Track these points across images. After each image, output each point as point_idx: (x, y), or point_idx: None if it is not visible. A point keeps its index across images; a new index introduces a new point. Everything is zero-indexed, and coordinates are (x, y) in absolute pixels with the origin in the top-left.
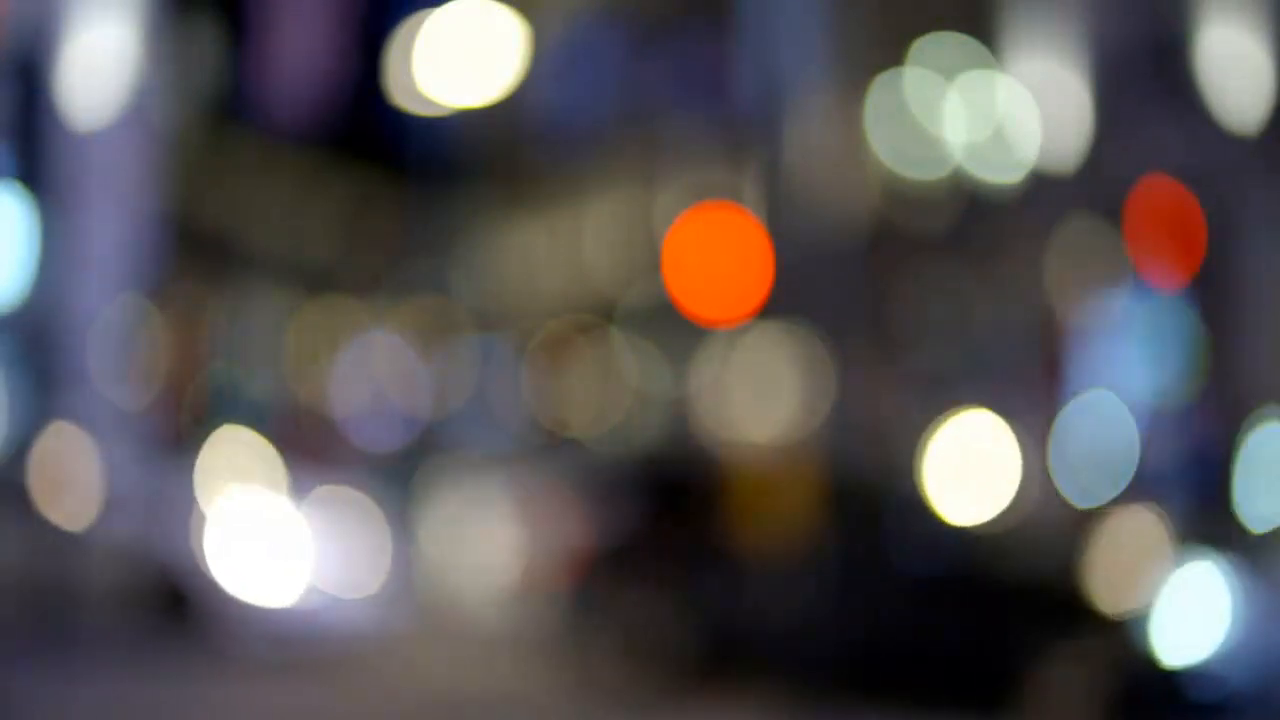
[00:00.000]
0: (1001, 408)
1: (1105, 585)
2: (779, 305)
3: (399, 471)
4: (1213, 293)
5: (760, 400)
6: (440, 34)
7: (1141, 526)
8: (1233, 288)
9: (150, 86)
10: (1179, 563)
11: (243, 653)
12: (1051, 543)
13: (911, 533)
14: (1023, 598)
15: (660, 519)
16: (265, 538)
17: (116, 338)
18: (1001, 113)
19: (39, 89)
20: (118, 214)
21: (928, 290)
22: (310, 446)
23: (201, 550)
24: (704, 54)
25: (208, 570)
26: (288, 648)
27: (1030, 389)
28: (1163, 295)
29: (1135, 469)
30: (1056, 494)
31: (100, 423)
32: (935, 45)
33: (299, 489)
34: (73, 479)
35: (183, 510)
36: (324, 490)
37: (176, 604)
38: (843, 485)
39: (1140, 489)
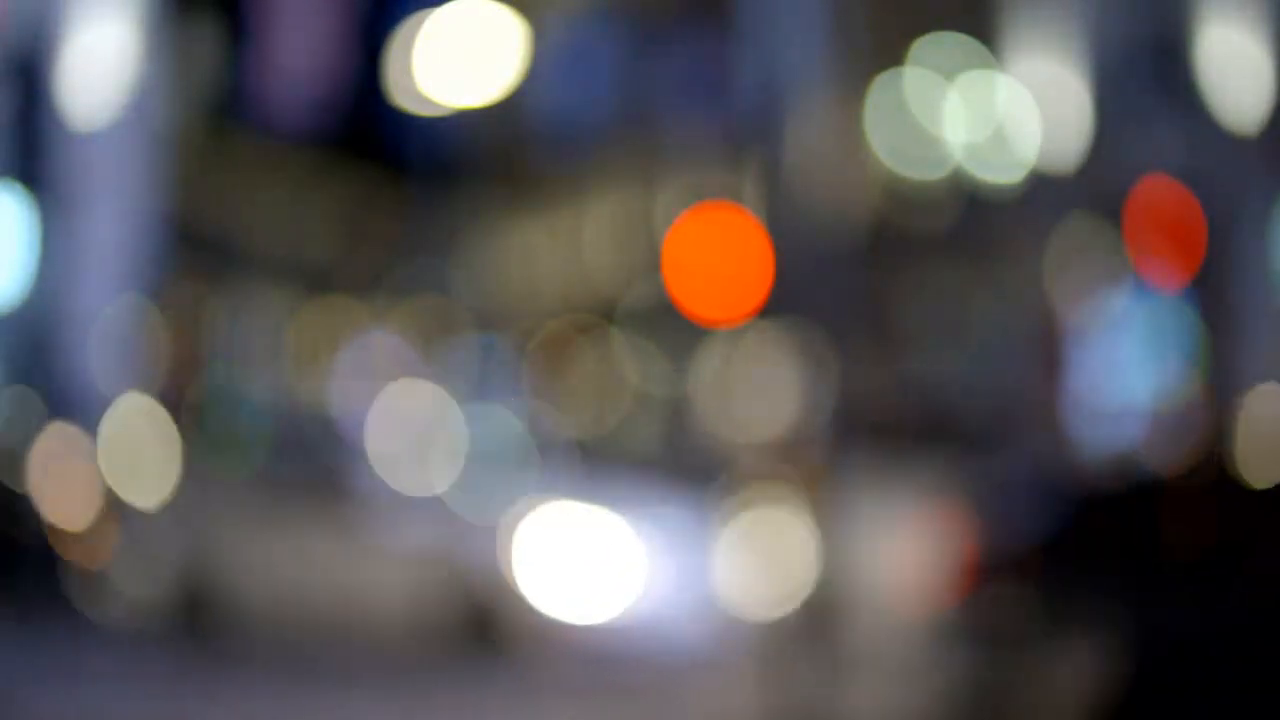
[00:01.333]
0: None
1: None
2: (779, 305)
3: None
4: (1213, 293)
5: (760, 400)
6: (440, 34)
7: None
8: (1233, 288)
9: (150, 86)
10: None
11: (554, 676)
12: None
13: None
14: None
15: (1081, 526)
16: (579, 550)
17: (116, 338)
18: (1001, 113)
19: (39, 89)
20: (118, 214)
21: (928, 290)
22: None
23: (509, 564)
24: (704, 54)
25: (516, 586)
26: (604, 670)
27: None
28: (1163, 295)
29: None
30: None
31: (100, 422)
32: (935, 45)
33: (614, 497)
34: (72, 479)
35: (488, 521)
36: (641, 499)
37: (482, 623)
38: None
39: None
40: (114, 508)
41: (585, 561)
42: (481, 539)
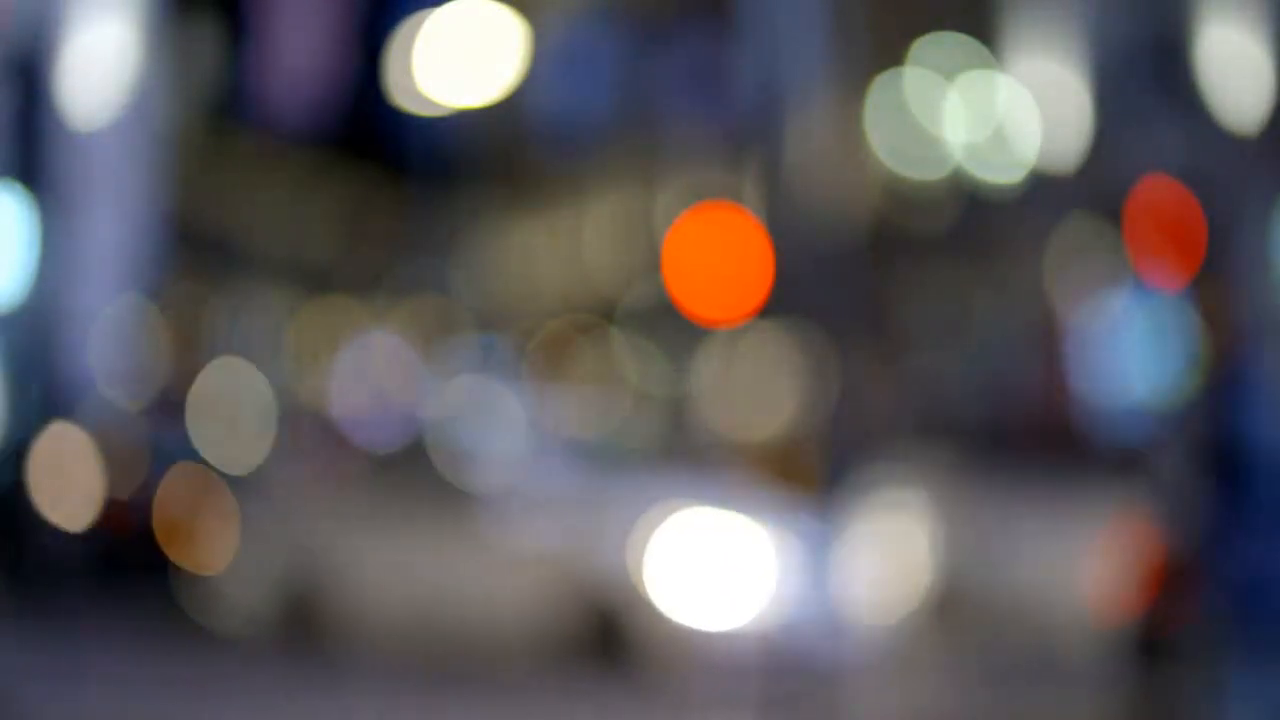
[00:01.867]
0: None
1: None
2: (779, 305)
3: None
4: (1213, 293)
5: (760, 399)
6: (440, 34)
7: None
8: (1233, 288)
9: (150, 86)
10: None
11: (684, 687)
12: None
13: None
14: None
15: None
16: (709, 554)
17: (116, 338)
18: (1001, 113)
19: (39, 89)
20: (118, 214)
21: (928, 290)
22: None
23: (637, 568)
24: (704, 54)
25: (644, 592)
26: (736, 680)
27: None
28: (1163, 295)
29: None
30: None
31: (100, 423)
32: (935, 45)
33: (742, 500)
34: (72, 479)
35: (615, 521)
36: (779, 500)
37: (607, 631)
38: None
39: None
40: (225, 511)
41: (716, 566)
42: (606, 541)
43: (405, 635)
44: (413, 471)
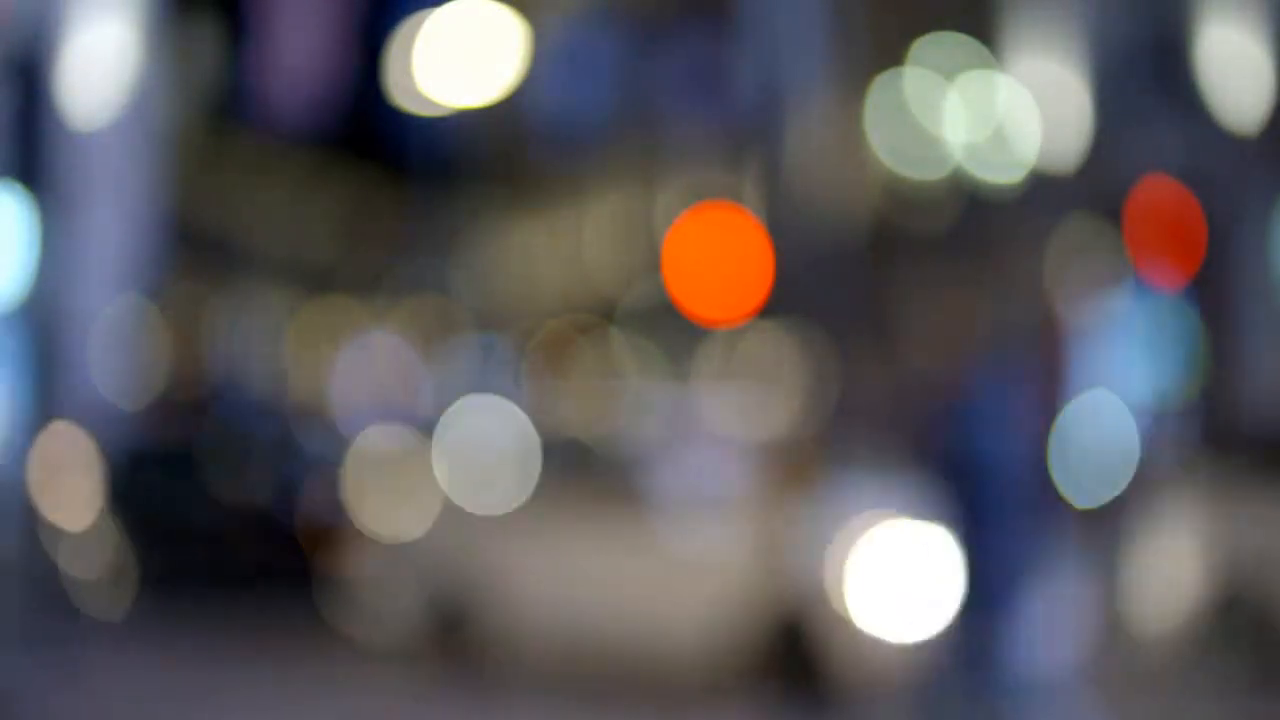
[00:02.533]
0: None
1: None
2: (779, 305)
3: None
4: (1213, 293)
5: (760, 399)
6: (440, 34)
7: None
8: (1233, 288)
9: (150, 86)
10: None
11: (877, 705)
12: None
13: None
14: None
15: None
16: (909, 562)
17: (116, 338)
18: (1001, 113)
19: (39, 89)
20: (117, 214)
21: (928, 290)
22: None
23: (829, 577)
24: (704, 54)
25: (835, 602)
26: (930, 695)
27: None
28: (1163, 295)
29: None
30: None
31: (100, 423)
32: (935, 45)
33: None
34: (71, 479)
35: (799, 528)
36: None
37: (792, 646)
38: None
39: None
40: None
41: (911, 575)
42: (790, 548)
43: (566, 649)
44: (576, 474)
